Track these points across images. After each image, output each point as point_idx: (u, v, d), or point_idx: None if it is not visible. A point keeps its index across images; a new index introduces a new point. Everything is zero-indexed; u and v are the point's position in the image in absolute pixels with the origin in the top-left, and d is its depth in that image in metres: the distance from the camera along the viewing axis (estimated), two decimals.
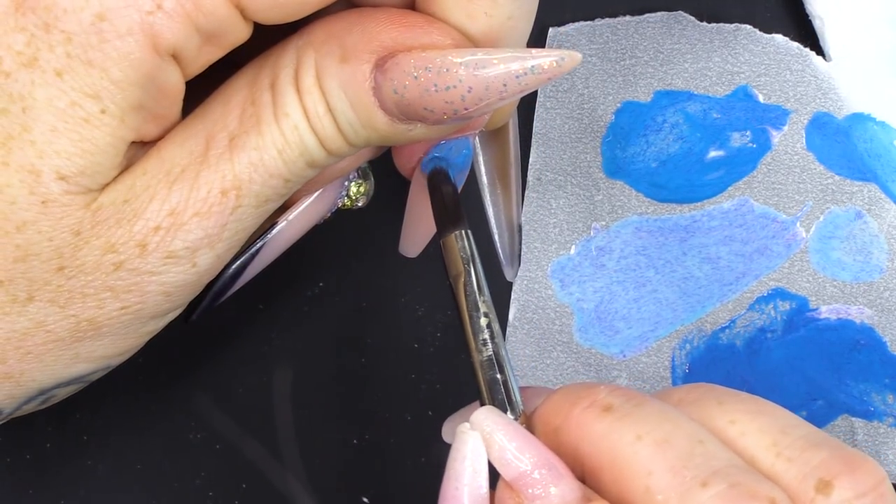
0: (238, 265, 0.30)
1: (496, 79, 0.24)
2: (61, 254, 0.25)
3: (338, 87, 0.25)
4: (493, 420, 0.24)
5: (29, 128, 0.24)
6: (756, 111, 0.40)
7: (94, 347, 0.27)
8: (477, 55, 0.24)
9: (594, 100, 0.40)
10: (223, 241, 0.26)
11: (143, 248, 0.25)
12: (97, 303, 0.26)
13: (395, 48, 0.25)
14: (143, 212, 0.25)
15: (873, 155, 0.40)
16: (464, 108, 0.25)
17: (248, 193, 0.25)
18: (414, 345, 0.40)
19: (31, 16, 0.23)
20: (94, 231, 0.25)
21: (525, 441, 0.24)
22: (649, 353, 0.40)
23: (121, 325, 0.26)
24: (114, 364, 0.28)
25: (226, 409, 0.39)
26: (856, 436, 0.39)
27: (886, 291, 0.39)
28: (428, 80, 0.24)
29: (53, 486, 0.39)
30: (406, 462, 0.39)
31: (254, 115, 0.25)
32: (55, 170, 0.24)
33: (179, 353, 0.39)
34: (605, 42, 0.40)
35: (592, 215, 0.40)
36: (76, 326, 0.26)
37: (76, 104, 0.24)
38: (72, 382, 0.28)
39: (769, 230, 0.40)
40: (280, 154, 0.25)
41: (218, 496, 0.39)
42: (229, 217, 0.25)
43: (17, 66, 0.23)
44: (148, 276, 0.25)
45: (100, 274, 0.25)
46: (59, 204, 0.24)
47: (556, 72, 0.24)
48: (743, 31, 0.40)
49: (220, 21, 0.24)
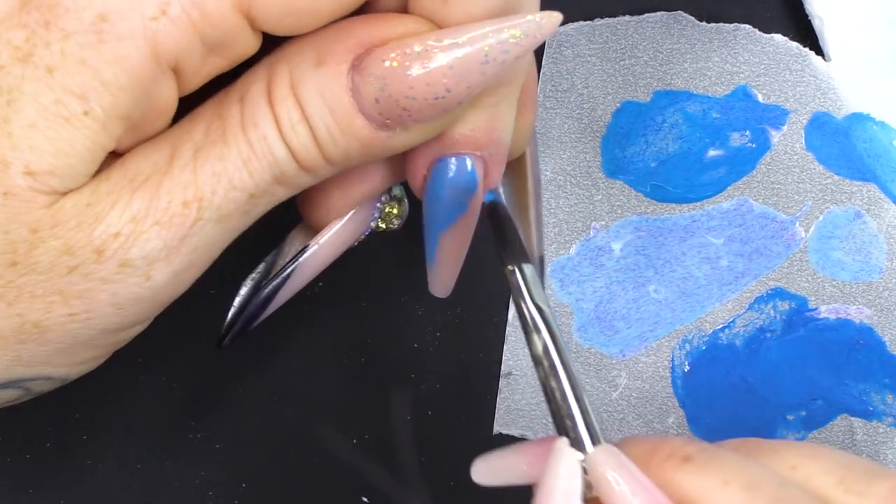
0: (270, 289, 0.29)
1: (477, 50, 0.24)
2: (16, 249, 0.24)
3: (315, 93, 0.24)
4: (608, 460, 0.25)
5: (9, 119, 0.23)
6: (755, 111, 0.40)
7: (37, 352, 0.26)
8: (454, 32, 0.24)
9: (594, 100, 0.40)
10: (181, 257, 0.25)
11: (100, 254, 0.24)
12: (45, 305, 0.25)
13: (372, 43, 0.24)
14: (105, 217, 0.24)
15: (872, 155, 0.40)
16: (446, 88, 0.24)
17: (210, 206, 0.25)
18: (414, 345, 0.40)
19: (34, 13, 0.23)
20: (53, 231, 0.24)
21: (643, 485, 0.24)
22: (649, 353, 0.40)
23: (67, 332, 0.26)
24: (57, 375, 0.27)
25: (226, 409, 0.39)
26: (855, 436, 0.39)
27: (885, 291, 0.39)
28: (407, 63, 0.24)
29: (53, 486, 0.39)
30: (406, 462, 0.39)
31: (220, 127, 0.25)
32: (25, 164, 0.23)
33: (179, 354, 0.39)
34: (604, 42, 0.40)
35: (592, 215, 0.40)
36: (20, 327, 0.25)
37: (60, 102, 0.23)
38: (9, 385, 0.27)
39: (768, 230, 0.40)
40: (245, 165, 0.25)
41: (218, 496, 0.39)
42: (189, 230, 0.25)
43: (13, 60, 0.23)
44: (100, 283, 0.25)
45: (52, 275, 0.25)
46: (20, 199, 0.24)
47: (537, 34, 0.24)
48: (742, 31, 0.40)
49: (226, 31, 0.24)
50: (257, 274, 0.29)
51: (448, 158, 0.27)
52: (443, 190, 0.27)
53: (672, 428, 0.40)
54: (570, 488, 0.24)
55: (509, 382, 0.40)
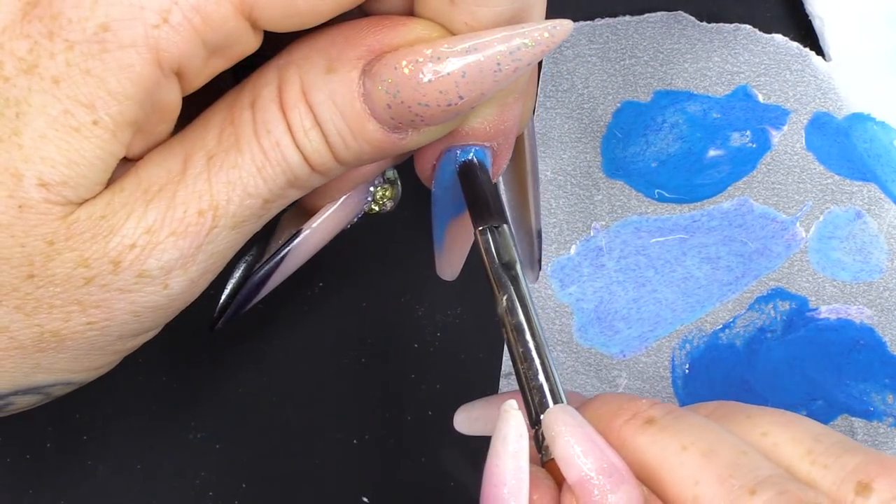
0: (263, 273, 0.29)
1: (489, 59, 0.24)
2: (32, 262, 0.24)
3: (327, 99, 0.24)
4: (564, 419, 0.24)
5: (19, 132, 0.23)
6: (756, 111, 0.40)
7: (56, 360, 0.26)
8: (466, 40, 0.24)
9: (594, 100, 0.40)
10: (197, 264, 0.25)
11: (117, 266, 0.25)
12: (63, 315, 0.25)
13: (382, 49, 0.24)
14: (120, 229, 0.24)
15: (873, 155, 0.40)
16: (458, 96, 0.24)
17: (225, 214, 0.25)
18: (414, 345, 0.40)
19: (36, 24, 0.23)
20: (68, 244, 0.24)
21: (597, 446, 0.24)
22: (649, 353, 0.40)
23: (85, 340, 0.26)
24: (76, 380, 0.27)
25: (226, 409, 0.39)
26: (855, 436, 0.39)
27: (886, 291, 0.39)
28: (419, 70, 0.24)
29: (53, 486, 0.39)
30: (406, 462, 0.39)
31: (233, 134, 0.25)
32: (38, 176, 0.23)
33: (179, 353, 0.39)
34: (605, 42, 0.40)
35: (592, 215, 0.40)
36: (40, 336, 0.25)
37: (69, 112, 0.23)
38: (30, 392, 0.27)
39: (769, 230, 0.40)
40: (259, 172, 0.25)
41: (218, 496, 0.39)
42: (205, 238, 0.25)
43: (18, 71, 0.23)
44: (118, 293, 0.25)
45: (69, 286, 0.25)
46: (35, 211, 0.24)
47: (549, 43, 0.24)
48: (743, 31, 0.40)
49: (228, 33, 0.24)
50: (250, 257, 0.29)
51: (456, 149, 0.27)
52: (452, 179, 0.27)
53: None
54: (517, 450, 0.24)
55: (510, 383, 0.40)
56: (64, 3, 0.23)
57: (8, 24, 0.23)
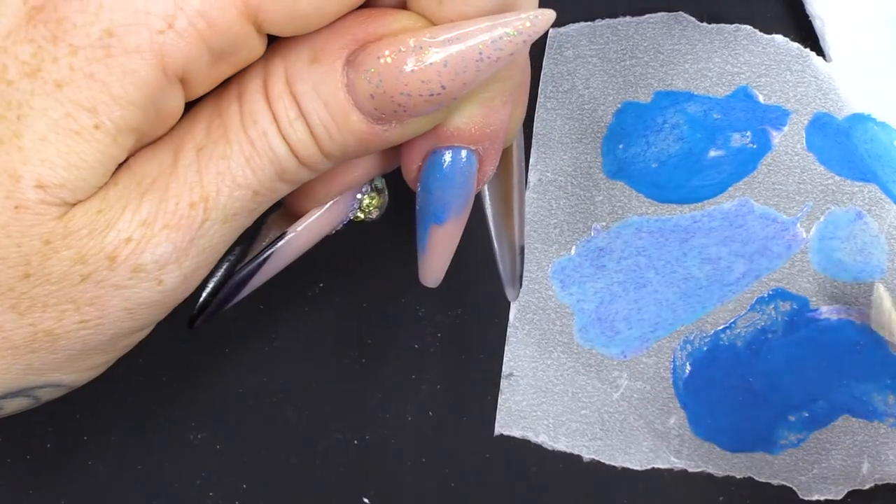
0: (245, 273, 0.29)
1: (471, 48, 0.24)
2: (28, 261, 0.24)
3: (311, 90, 0.25)
4: None
5: (20, 134, 0.23)
6: (756, 112, 0.40)
7: (48, 360, 0.26)
8: (449, 29, 0.24)
9: (594, 100, 0.40)
10: (190, 259, 0.25)
11: (113, 261, 0.25)
12: (57, 314, 0.25)
13: (367, 39, 0.24)
14: (117, 222, 0.24)
15: (874, 155, 0.40)
16: (441, 86, 0.24)
17: (216, 206, 0.25)
18: (414, 345, 0.40)
19: (41, 28, 0.23)
20: (66, 242, 0.24)
21: None
22: (650, 354, 0.40)
23: (78, 339, 0.26)
24: (66, 382, 0.27)
25: (226, 409, 0.39)
26: (856, 436, 0.39)
27: (887, 292, 0.39)
28: (402, 60, 0.24)
29: (53, 486, 0.39)
30: (406, 462, 0.39)
31: (221, 125, 0.25)
32: (36, 177, 0.23)
33: (179, 353, 0.39)
34: (605, 43, 0.40)
35: (593, 216, 0.40)
36: (33, 336, 0.25)
37: (70, 116, 0.23)
38: (20, 394, 0.27)
39: (769, 231, 0.40)
40: (248, 162, 0.25)
41: (218, 496, 0.39)
42: (197, 231, 0.25)
43: (21, 75, 0.23)
44: (113, 289, 0.25)
45: (65, 285, 0.25)
46: (31, 212, 0.24)
47: (531, 32, 0.24)
48: (743, 32, 0.40)
49: (233, 39, 0.24)
50: (233, 256, 0.29)
51: (442, 151, 0.27)
52: (436, 182, 0.27)
53: (673, 429, 0.39)
54: None
55: (510, 383, 0.40)
56: (69, 7, 0.23)
57: (12, 28, 0.23)
